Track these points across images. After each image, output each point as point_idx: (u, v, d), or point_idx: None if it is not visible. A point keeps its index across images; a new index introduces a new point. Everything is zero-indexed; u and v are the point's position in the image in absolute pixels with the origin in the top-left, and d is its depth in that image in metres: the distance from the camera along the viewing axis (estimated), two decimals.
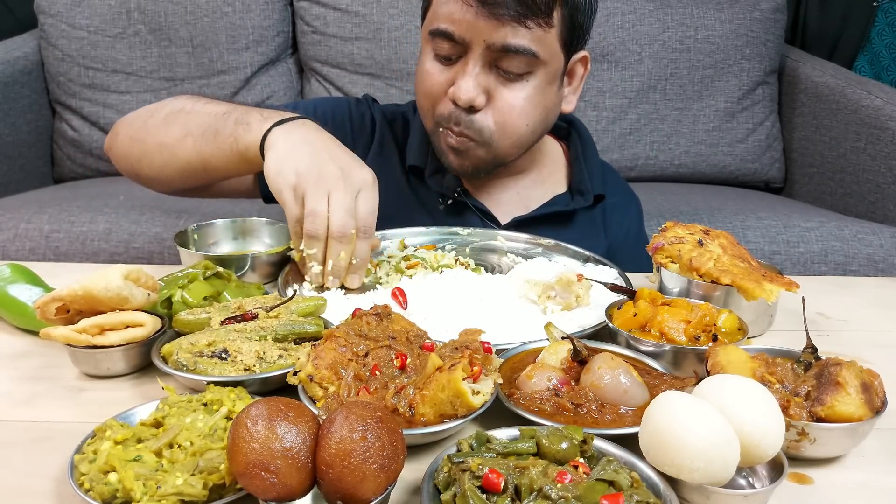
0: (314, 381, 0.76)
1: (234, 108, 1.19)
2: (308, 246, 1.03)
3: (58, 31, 2.53)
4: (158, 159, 1.26)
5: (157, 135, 1.25)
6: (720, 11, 2.65)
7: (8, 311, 0.98)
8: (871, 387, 0.75)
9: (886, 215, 2.26)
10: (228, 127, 1.15)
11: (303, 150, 1.06)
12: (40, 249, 1.97)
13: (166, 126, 1.24)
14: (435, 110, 1.28)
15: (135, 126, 1.31)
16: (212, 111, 1.20)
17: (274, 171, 1.04)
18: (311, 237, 1.02)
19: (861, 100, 2.38)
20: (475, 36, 1.17)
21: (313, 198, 1.01)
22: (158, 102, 1.32)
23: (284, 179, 1.03)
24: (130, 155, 1.31)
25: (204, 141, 1.18)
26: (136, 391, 0.85)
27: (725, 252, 1.07)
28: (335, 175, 1.03)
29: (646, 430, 0.65)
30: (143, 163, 1.29)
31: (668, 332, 0.91)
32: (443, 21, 1.20)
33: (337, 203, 1.02)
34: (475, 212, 1.38)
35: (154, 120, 1.27)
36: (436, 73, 1.25)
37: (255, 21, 2.58)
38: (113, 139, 1.36)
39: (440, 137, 1.29)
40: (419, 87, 1.30)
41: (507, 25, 1.15)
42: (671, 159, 2.69)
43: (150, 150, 1.26)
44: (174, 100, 1.30)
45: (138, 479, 0.62)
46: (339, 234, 1.02)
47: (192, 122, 1.21)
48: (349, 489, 0.57)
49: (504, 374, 0.81)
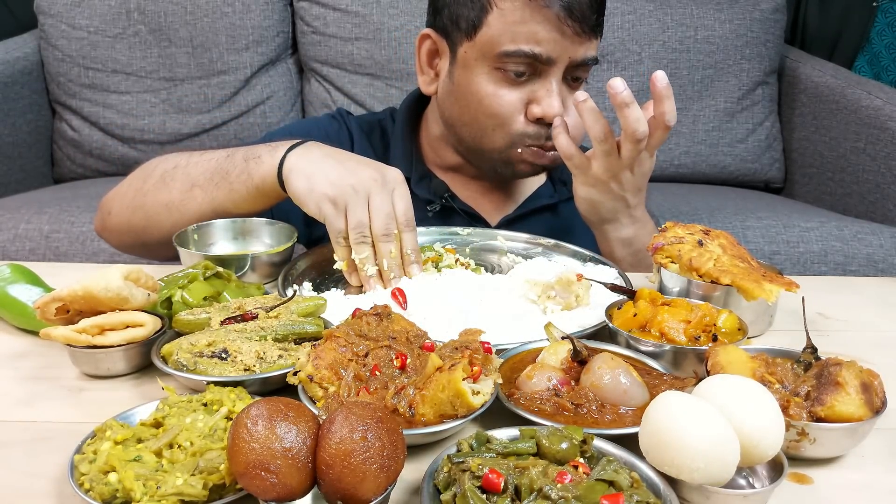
0: (314, 381, 0.76)
1: (234, 149, 1.18)
2: (358, 252, 1.05)
3: (58, 32, 2.53)
4: (167, 220, 1.20)
5: (158, 196, 1.20)
6: (720, 11, 2.65)
7: (8, 311, 0.98)
8: (871, 387, 0.75)
9: (886, 215, 2.26)
10: (237, 165, 1.13)
11: (328, 164, 1.07)
12: (40, 249, 1.98)
13: (166, 185, 1.19)
14: (510, 129, 1.26)
15: (129, 196, 1.24)
16: (211, 157, 1.18)
17: (306, 191, 1.05)
18: (359, 244, 1.04)
19: (861, 100, 2.38)
20: (561, 54, 1.19)
21: (355, 207, 1.03)
22: (142, 167, 1.27)
23: (321, 194, 1.04)
24: (133, 226, 1.25)
25: (214, 186, 1.15)
26: (136, 391, 0.85)
27: (725, 252, 1.07)
28: (371, 178, 1.05)
29: (646, 430, 0.65)
30: (150, 230, 1.23)
31: (668, 332, 0.91)
32: (525, 42, 1.18)
33: (377, 207, 1.04)
34: (463, 216, 1.38)
35: (149, 184, 1.22)
36: (506, 93, 1.24)
37: (255, 21, 2.58)
38: (105, 218, 1.29)
39: (520, 155, 1.29)
40: (481, 108, 1.26)
41: (586, 41, 1.19)
42: (671, 159, 2.69)
43: (156, 214, 1.21)
44: (160, 161, 1.25)
45: (138, 479, 0.62)
46: (384, 235, 1.04)
47: (194, 172, 1.18)
48: (349, 489, 0.57)
49: (504, 374, 0.81)
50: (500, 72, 1.23)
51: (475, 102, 1.27)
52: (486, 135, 1.29)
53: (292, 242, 1.19)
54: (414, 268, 1.08)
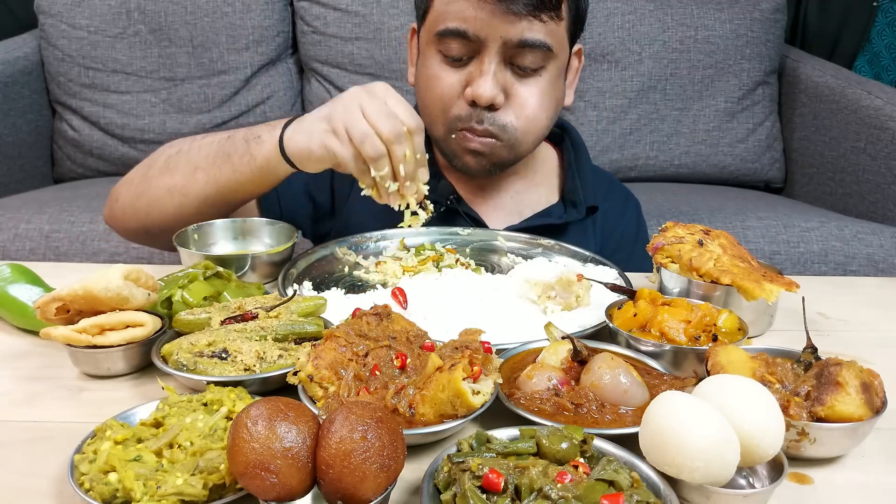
0: (314, 381, 0.76)
1: (234, 130, 1.19)
2: (378, 168, 1.04)
3: (58, 31, 2.53)
4: (170, 204, 1.21)
5: (162, 181, 1.21)
6: (720, 11, 2.65)
7: (8, 311, 0.98)
8: (871, 387, 0.75)
9: (886, 215, 2.26)
10: (239, 147, 1.14)
11: (316, 112, 1.09)
12: (40, 249, 1.98)
13: (170, 170, 1.20)
14: (448, 114, 1.24)
15: (135, 182, 1.26)
16: (212, 140, 1.19)
17: (306, 141, 1.06)
18: (374, 158, 1.03)
19: (861, 100, 2.38)
20: (491, 33, 1.16)
21: (353, 123, 1.03)
22: (150, 156, 1.28)
23: (320, 133, 1.05)
24: (138, 211, 1.25)
25: (216, 169, 1.16)
26: (136, 391, 0.85)
27: (725, 252, 1.07)
28: (355, 95, 1.05)
29: (646, 430, 0.65)
30: (153, 215, 1.24)
31: (668, 332, 0.91)
32: (454, 20, 1.17)
33: (374, 111, 1.03)
34: (467, 220, 1.37)
35: (154, 169, 1.23)
36: (446, 76, 1.23)
37: (255, 21, 2.58)
38: (112, 206, 1.30)
39: (456, 142, 1.26)
40: (427, 93, 1.27)
41: (522, 20, 1.15)
42: (671, 159, 2.69)
43: (160, 198, 1.21)
44: (166, 147, 1.26)
45: (138, 479, 0.62)
46: (395, 136, 1.03)
47: (196, 156, 1.19)
48: (349, 489, 0.57)
49: (504, 374, 0.81)
50: (441, 55, 1.23)
51: (423, 87, 1.28)
52: (432, 122, 1.28)
53: (292, 242, 1.19)
54: (423, 171, 1.10)
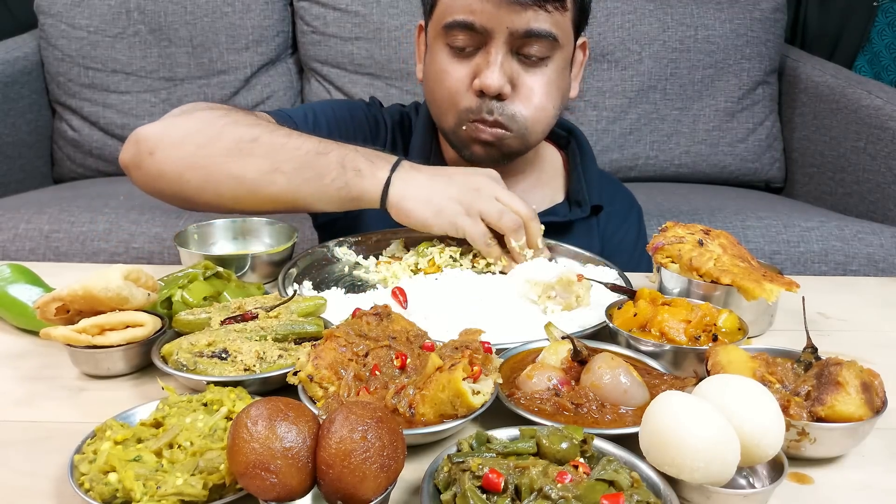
0: (314, 381, 0.76)
1: (322, 144, 1.13)
2: (517, 239, 1.11)
3: (58, 31, 2.53)
4: (231, 191, 1.13)
5: (229, 166, 1.12)
6: (720, 11, 2.65)
7: (8, 311, 0.98)
8: (871, 387, 0.75)
9: (886, 215, 2.26)
10: (332, 169, 1.10)
11: (439, 183, 1.11)
12: (40, 249, 1.97)
13: (242, 158, 1.11)
14: (458, 106, 1.25)
15: (187, 149, 1.14)
16: (299, 146, 1.12)
17: (434, 215, 1.09)
18: (514, 230, 1.10)
19: (861, 100, 2.38)
20: (497, 24, 1.17)
21: (488, 206, 1.09)
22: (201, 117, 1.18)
23: (453, 212, 1.09)
24: (185, 181, 1.14)
25: (302, 180, 1.10)
26: (136, 391, 0.85)
27: (725, 252, 1.07)
28: (481, 182, 1.12)
29: (646, 430, 0.65)
30: (206, 191, 1.14)
31: (668, 332, 0.91)
32: (461, 12, 1.19)
33: (507, 197, 1.11)
34: None
35: (218, 147, 1.13)
36: (454, 69, 1.24)
37: (255, 21, 2.57)
38: (144, 157, 1.15)
39: (466, 132, 1.27)
40: (436, 86, 1.27)
41: (528, 10, 1.16)
42: (671, 159, 2.69)
43: (219, 181, 1.13)
44: (228, 119, 1.16)
45: (138, 479, 0.62)
46: (533, 213, 1.13)
47: (279, 156, 1.11)
48: (349, 489, 0.57)
49: (504, 374, 0.81)
50: (449, 47, 1.24)
51: (433, 81, 1.29)
52: (442, 114, 1.30)
53: (292, 242, 1.19)
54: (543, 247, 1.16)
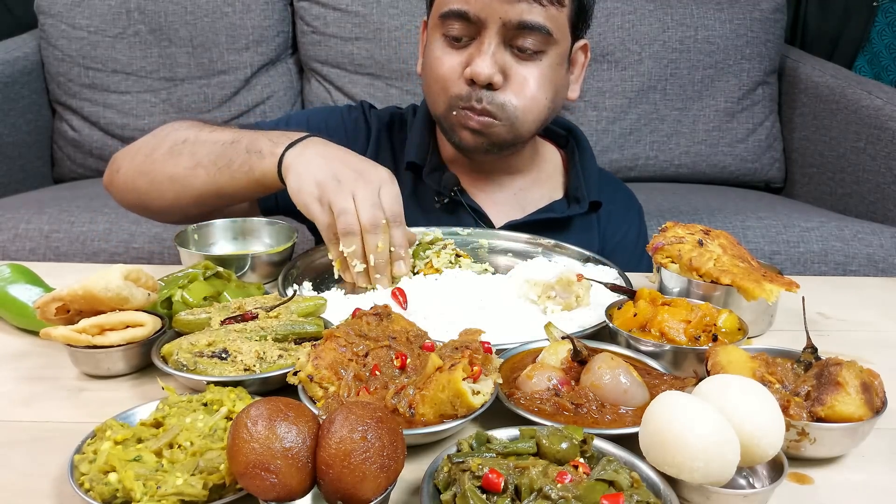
0: (314, 381, 0.76)
1: (240, 134, 1.20)
2: (346, 244, 1.05)
3: (58, 31, 2.53)
4: (170, 191, 1.25)
5: (165, 167, 1.24)
6: (720, 11, 2.65)
7: (8, 311, 0.98)
8: (871, 387, 0.75)
9: (886, 215, 2.26)
10: (240, 156, 1.16)
11: (317, 163, 1.09)
12: (40, 249, 1.97)
13: (174, 158, 1.24)
14: (449, 93, 1.27)
15: (137, 160, 1.29)
16: (218, 139, 1.21)
17: (296, 190, 1.08)
18: (346, 234, 1.05)
19: (861, 100, 2.38)
20: (490, 14, 1.19)
21: (338, 199, 1.05)
22: (156, 132, 1.31)
23: (308, 194, 1.06)
24: (137, 188, 1.30)
25: (217, 171, 1.19)
26: (136, 391, 0.85)
27: (725, 252, 1.07)
28: (353, 177, 1.06)
29: (646, 430, 0.65)
30: (152, 195, 1.29)
31: (668, 332, 0.91)
32: (456, 2, 1.21)
33: (362, 198, 1.05)
34: (469, 212, 1.38)
35: (159, 152, 1.26)
36: (448, 57, 1.26)
37: (255, 21, 2.57)
38: (113, 175, 1.34)
39: (455, 118, 1.28)
40: (430, 73, 1.30)
41: (522, 2, 1.18)
42: (671, 159, 2.69)
43: (160, 183, 1.26)
44: (173, 129, 1.29)
45: (138, 479, 0.62)
46: (371, 226, 1.04)
47: (199, 152, 1.21)
48: (349, 489, 0.57)
49: (504, 374, 0.81)
50: (444, 37, 1.26)
51: (427, 69, 1.31)
52: (434, 100, 1.32)
53: (292, 242, 1.19)
54: (400, 265, 1.09)
